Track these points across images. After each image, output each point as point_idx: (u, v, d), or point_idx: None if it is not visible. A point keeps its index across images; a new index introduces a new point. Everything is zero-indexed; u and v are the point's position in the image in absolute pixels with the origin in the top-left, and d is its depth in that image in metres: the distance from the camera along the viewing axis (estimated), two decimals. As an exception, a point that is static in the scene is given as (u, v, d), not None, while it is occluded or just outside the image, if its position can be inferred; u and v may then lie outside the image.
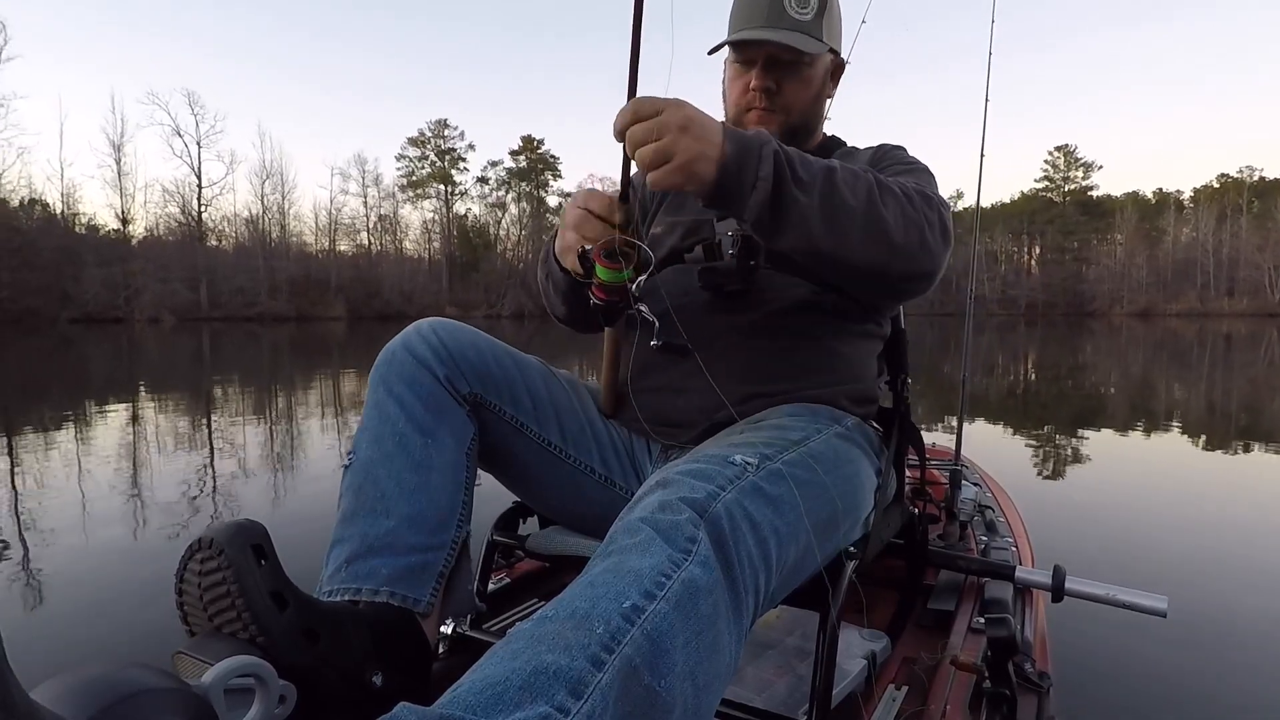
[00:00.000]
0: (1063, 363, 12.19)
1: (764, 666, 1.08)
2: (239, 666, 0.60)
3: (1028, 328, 29.75)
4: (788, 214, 0.81)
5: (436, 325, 0.98)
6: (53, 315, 33.86)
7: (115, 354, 14.35)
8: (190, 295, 38.56)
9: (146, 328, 28.85)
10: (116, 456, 4.07)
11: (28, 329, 25.82)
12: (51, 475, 3.62)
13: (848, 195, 0.83)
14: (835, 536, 0.86)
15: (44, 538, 2.61)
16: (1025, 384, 9.01)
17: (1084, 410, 6.35)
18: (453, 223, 53.79)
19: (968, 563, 1.32)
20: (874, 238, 0.85)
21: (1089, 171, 59.99)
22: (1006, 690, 0.96)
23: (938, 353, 12.55)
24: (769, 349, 1.03)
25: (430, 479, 0.88)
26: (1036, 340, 20.00)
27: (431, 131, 54.78)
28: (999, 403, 6.82)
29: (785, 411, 0.96)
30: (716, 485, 0.69)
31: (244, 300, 40.20)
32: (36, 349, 15.66)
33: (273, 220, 46.40)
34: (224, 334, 22.79)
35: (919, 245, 0.88)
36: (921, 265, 0.90)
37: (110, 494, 3.23)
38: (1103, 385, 8.59)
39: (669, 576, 0.58)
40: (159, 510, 2.97)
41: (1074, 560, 1.30)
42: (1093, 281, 56.41)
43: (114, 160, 41.29)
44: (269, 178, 46.29)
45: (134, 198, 42.57)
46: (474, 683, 0.50)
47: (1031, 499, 3.08)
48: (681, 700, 0.55)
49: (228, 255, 43.40)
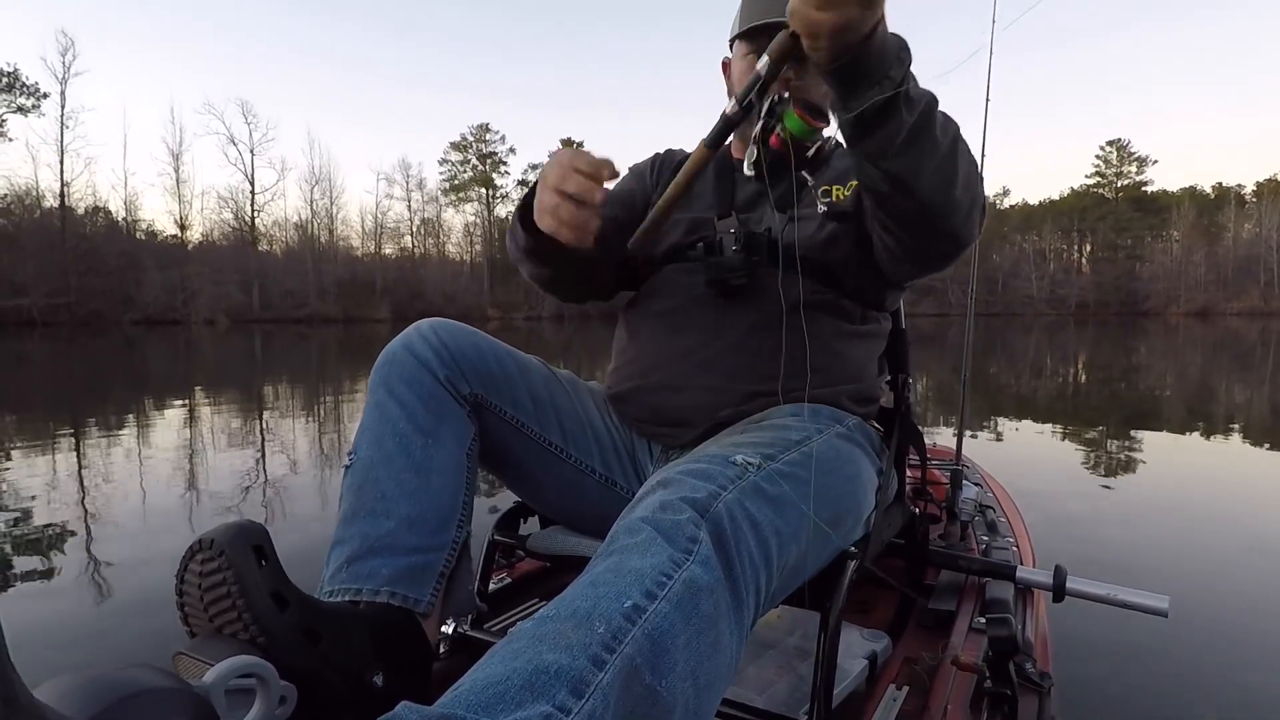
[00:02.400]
0: (1114, 364, 11.84)
1: (765, 666, 1.08)
2: (240, 666, 0.60)
3: (1077, 328, 28.87)
4: (887, 122, 0.77)
5: (437, 325, 0.97)
6: (116, 318, 35.66)
7: (174, 355, 14.94)
8: (243, 298, 40.33)
9: (203, 329, 30.10)
10: (176, 451, 4.25)
11: (94, 331, 26.94)
12: (116, 469, 3.78)
13: (939, 133, 0.80)
14: (836, 536, 0.86)
15: (109, 530, 2.71)
16: (1075, 386, 8.81)
17: (1140, 411, 6.24)
18: (494, 225, 54.59)
19: (968, 563, 1.32)
20: (941, 182, 0.83)
21: (1143, 166, 58.46)
22: (1007, 690, 0.96)
23: (983, 355, 12.32)
24: (771, 349, 1.03)
25: (431, 479, 0.88)
26: (1087, 341, 19.47)
27: (473, 135, 55.75)
28: (1047, 405, 6.71)
29: (786, 411, 0.97)
30: (718, 485, 0.69)
31: (293, 302, 41.92)
32: (103, 350, 16.30)
33: (321, 225, 48.12)
34: (274, 335, 23.53)
35: (969, 209, 0.88)
36: (962, 230, 0.89)
37: (169, 488, 3.37)
38: (1157, 388, 8.35)
39: (670, 576, 0.59)
40: (216, 503, 3.08)
41: (1075, 560, 1.30)
42: (1147, 280, 54.74)
43: (173, 169, 43.71)
44: (318, 183, 48.22)
45: (191, 204, 44.53)
46: (475, 682, 0.50)
47: (1056, 497, 3.09)
48: (682, 700, 0.55)
49: (278, 259, 45.37)
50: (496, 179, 56.05)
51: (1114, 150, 59.02)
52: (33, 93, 38.38)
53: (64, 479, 3.59)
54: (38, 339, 20.86)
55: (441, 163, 56.44)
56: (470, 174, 55.90)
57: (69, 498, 3.19)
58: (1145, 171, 58.42)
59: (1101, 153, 59.59)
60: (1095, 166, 59.86)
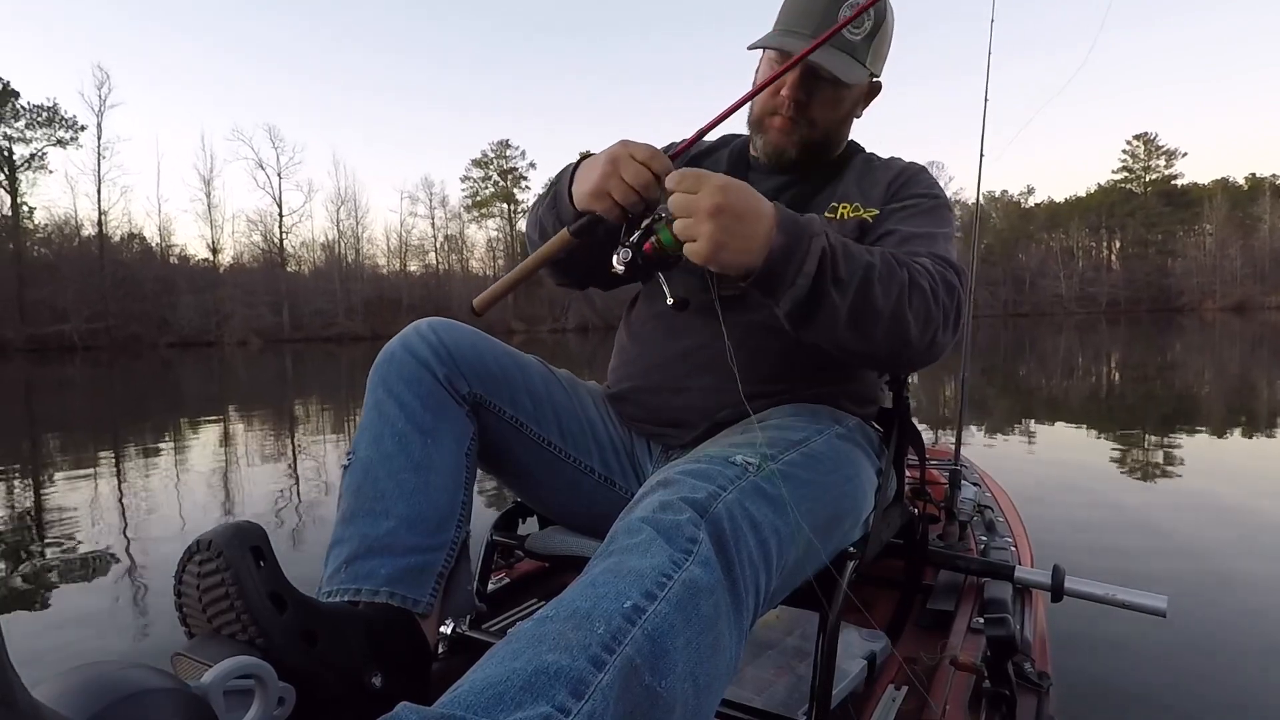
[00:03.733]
0: (1149, 362, 11.54)
1: (764, 667, 1.08)
2: (238, 667, 0.60)
3: (1109, 326, 28.32)
4: (819, 311, 0.81)
5: (436, 325, 0.97)
6: (153, 341, 36.96)
7: (209, 375, 15.43)
8: (274, 318, 41.27)
9: (236, 350, 30.83)
10: (210, 467, 4.42)
11: (132, 354, 27.86)
12: (155, 483, 3.95)
13: (879, 298, 0.82)
14: (835, 536, 0.87)
15: (146, 543, 2.79)
16: (1108, 386, 8.67)
17: (1177, 410, 6.12)
18: (516, 240, 55.12)
19: (967, 563, 1.32)
20: (892, 337, 0.85)
21: (1172, 159, 57.11)
22: (1006, 690, 0.96)
23: (1013, 354, 12.13)
24: (771, 349, 1.03)
25: (430, 479, 0.88)
26: (1119, 339, 19.11)
27: (494, 152, 56.30)
28: (1080, 407, 6.65)
29: (786, 412, 0.97)
30: (717, 485, 0.69)
31: (323, 321, 42.72)
32: (142, 372, 16.89)
33: (347, 244, 48.99)
34: (305, 354, 24.05)
35: (929, 344, 0.89)
36: (922, 361, 0.91)
37: (206, 501, 3.51)
38: (1192, 385, 8.16)
39: (670, 576, 0.58)
40: (249, 509, 3.26)
41: (1073, 560, 1.30)
42: (1180, 275, 53.40)
43: (204, 194, 44.42)
44: (343, 204, 48.90)
45: (222, 228, 45.22)
46: (474, 683, 0.50)
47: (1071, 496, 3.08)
48: (682, 700, 0.55)
49: (306, 279, 46.22)
50: (518, 194, 56.55)
51: (1141, 144, 57.85)
52: (71, 125, 39.83)
53: (106, 495, 3.72)
54: (79, 363, 21.45)
55: (463, 179, 56.85)
56: (492, 190, 56.33)
57: (110, 514, 3.32)
58: (1175, 164, 57.05)
59: (1128, 147, 58.59)
60: (1122, 161, 58.79)
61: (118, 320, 36.56)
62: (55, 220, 39.62)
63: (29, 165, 38.71)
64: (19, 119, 38.57)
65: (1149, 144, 57.60)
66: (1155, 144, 57.54)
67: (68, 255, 38.44)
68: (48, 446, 5.67)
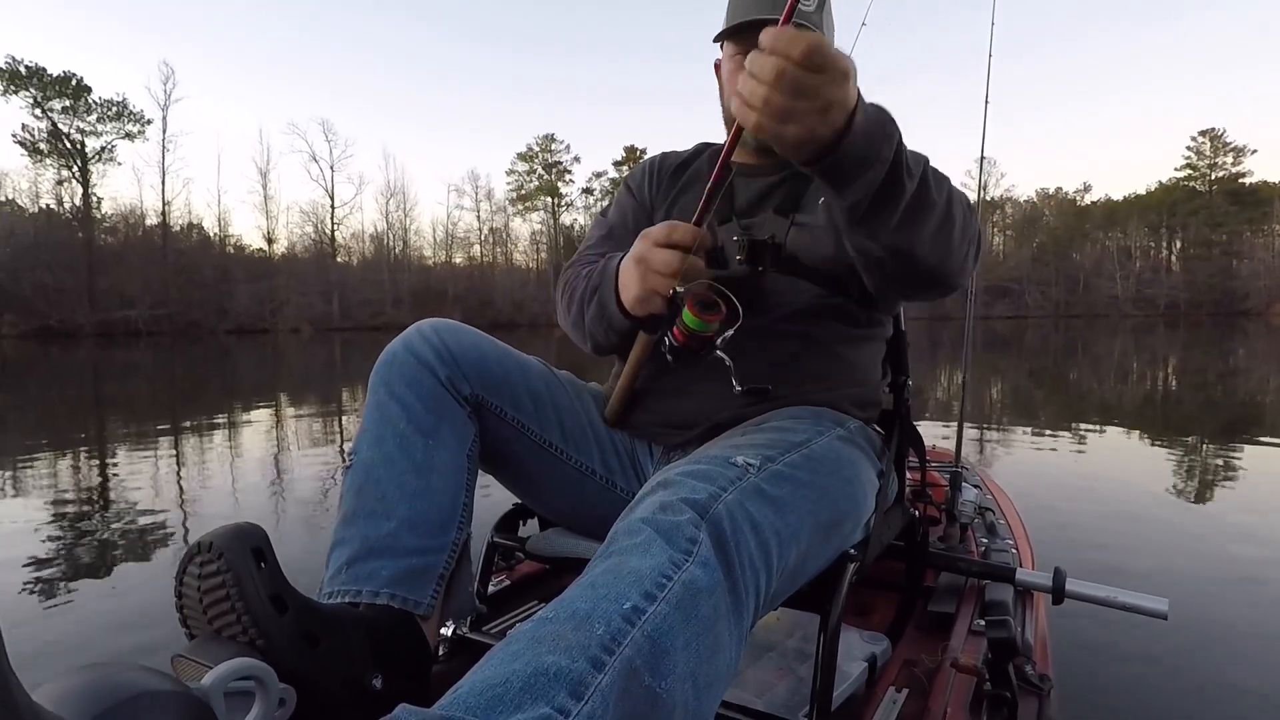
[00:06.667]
0: (1209, 368, 11.05)
1: (764, 668, 1.08)
2: (239, 669, 0.60)
3: (1167, 330, 27.27)
4: (886, 204, 0.77)
5: (438, 326, 0.97)
6: (212, 327, 38.98)
7: (264, 361, 16.12)
8: (324, 307, 43.14)
9: (289, 337, 32.11)
10: (265, 449, 4.69)
11: (192, 340, 29.35)
12: (214, 464, 4.16)
13: (934, 193, 0.80)
14: (836, 538, 0.86)
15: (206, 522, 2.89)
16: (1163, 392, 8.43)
17: (1239, 418, 5.93)
18: (559, 233, 55.68)
19: (968, 565, 1.32)
20: (939, 240, 0.83)
21: (1240, 157, 53.86)
22: (1007, 693, 0.96)
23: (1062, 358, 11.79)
24: (774, 353, 1.03)
25: (431, 481, 0.88)
26: (1178, 343, 18.42)
27: (539, 146, 56.67)
28: (1134, 410, 6.52)
29: (788, 414, 0.97)
30: (718, 486, 0.69)
31: (371, 311, 44.06)
32: (203, 357, 17.70)
33: (396, 236, 50.44)
34: (353, 342, 24.79)
35: (964, 258, 0.88)
36: (956, 277, 0.91)
37: (259, 484, 3.65)
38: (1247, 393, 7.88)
39: (670, 578, 0.58)
40: (299, 501, 3.29)
41: (1074, 562, 1.30)
42: (1246, 277, 50.50)
43: (261, 186, 46.64)
44: (392, 196, 50.29)
45: (277, 219, 47.09)
46: (474, 684, 0.50)
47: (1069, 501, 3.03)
48: (682, 702, 0.55)
49: (356, 270, 48.22)
50: (561, 187, 57.04)
51: (1207, 140, 54.60)
52: (138, 119, 41.93)
53: (167, 473, 3.91)
54: (143, 348, 22.50)
55: (509, 173, 57.62)
56: (536, 183, 56.81)
57: (170, 492, 3.49)
58: (1243, 162, 54.07)
59: (1193, 143, 55.29)
60: (1186, 158, 55.49)
61: (179, 307, 38.54)
62: (121, 210, 42.00)
63: (99, 158, 40.88)
64: (91, 113, 40.47)
65: (1215, 140, 54.59)
66: (1222, 140, 54.53)
67: (133, 244, 40.69)
68: (123, 428, 5.95)
